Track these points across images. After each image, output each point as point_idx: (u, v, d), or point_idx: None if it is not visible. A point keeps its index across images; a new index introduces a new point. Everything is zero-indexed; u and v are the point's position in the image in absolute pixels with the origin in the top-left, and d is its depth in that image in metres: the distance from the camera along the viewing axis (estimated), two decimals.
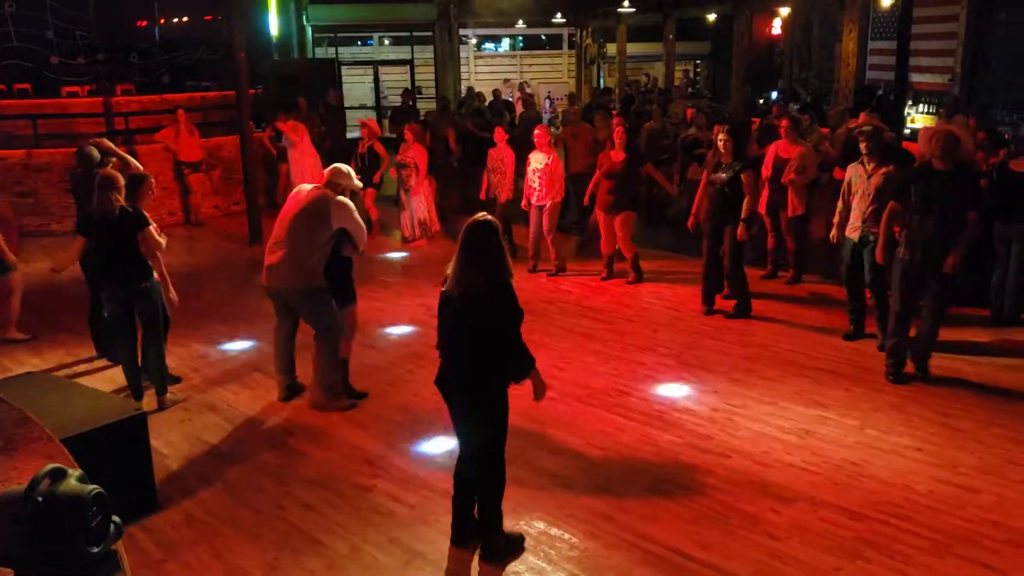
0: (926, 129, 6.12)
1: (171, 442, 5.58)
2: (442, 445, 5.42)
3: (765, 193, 8.65)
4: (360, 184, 6.07)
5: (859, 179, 6.91)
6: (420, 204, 10.86)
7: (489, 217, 4.01)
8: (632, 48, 22.48)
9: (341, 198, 5.75)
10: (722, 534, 4.39)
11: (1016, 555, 4.17)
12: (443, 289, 4.06)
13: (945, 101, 13.91)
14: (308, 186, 5.99)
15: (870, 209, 6.73)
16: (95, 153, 7.09)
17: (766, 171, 8.63)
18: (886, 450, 5.25)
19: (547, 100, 22.98)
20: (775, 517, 4.54)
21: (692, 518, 4.55)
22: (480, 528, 4.23)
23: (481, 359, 3.97)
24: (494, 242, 3.93)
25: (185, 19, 23.50)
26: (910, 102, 14.37)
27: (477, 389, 4.03)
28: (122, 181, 5.86)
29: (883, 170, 6.76)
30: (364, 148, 11.10)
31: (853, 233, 6.94)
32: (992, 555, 4.16)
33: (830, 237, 7.32)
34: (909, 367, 6.38)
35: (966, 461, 5.09)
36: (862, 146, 6.91)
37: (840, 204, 7.12)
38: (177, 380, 6.51)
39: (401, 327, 7.81)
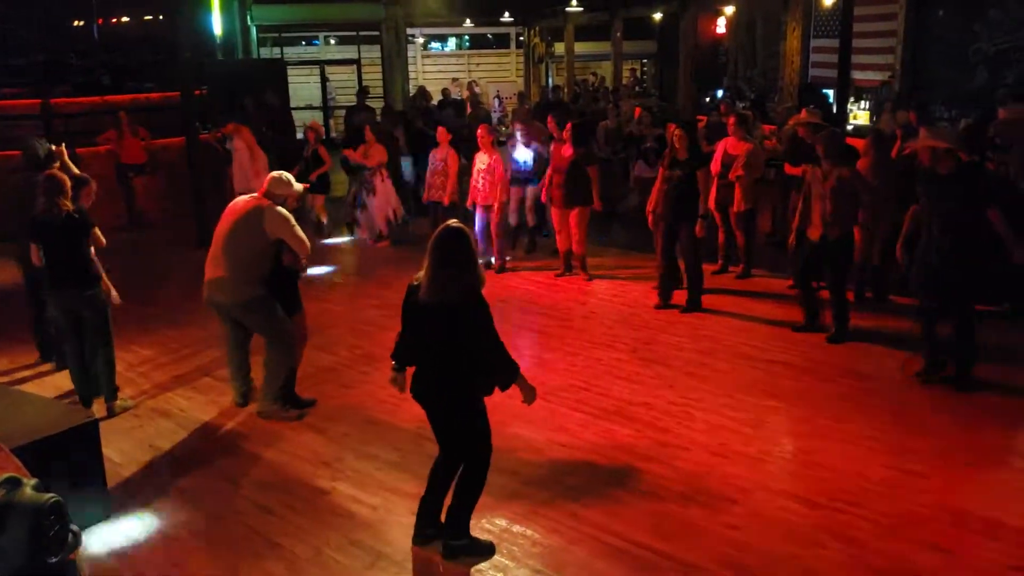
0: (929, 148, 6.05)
1: (123, 450, 5.45)
2: (400, 446, 5.40)
3: (714, 189, 8.77)
4: (301, 188, 5.98)
5: (816, 181, 6.99)
6: (385, 203, 10.78)
7: (460, 224, 3.96)
8: (580, 47, 22.61)
9: (278, 208, 5.62)
10: (682, 525, 4.45)
11: (963, 536, 4.30)
12: (417, 297, 3.95)
13: (887, 96, 14.27)
14: (244, 197, 5.87)
15: (829, 210, 6.83)
16: (40, 148, 6.76)
17: (715, 167, 8.75)
18: (838, 439, 5.36)
19: (496, 99, 22.99)
20: (733, 507, 4.61)
21: (652, 510, 4.59)
22: (448, 526, 4.19)
23: (459, 366, 3.95)
24: (467, 249, 3.89)
25: (125, 19, 23.02)
26: (852, 98, 14.69)
27: (458, 395, 4.01)
28: (69, 184, 5.72)
29: (838, 172, 6.83)
30: (310, 152, 11.05)
31: (814, 233, 7.01)
32: (941, 536, 4.28)
33: (787, 244, 7.44)
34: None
35: (916, 447, 5.22)
36: (818, 149, 6.97)
37: (800, 207, 7.21)
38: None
39: (353, 328, 7.74)
